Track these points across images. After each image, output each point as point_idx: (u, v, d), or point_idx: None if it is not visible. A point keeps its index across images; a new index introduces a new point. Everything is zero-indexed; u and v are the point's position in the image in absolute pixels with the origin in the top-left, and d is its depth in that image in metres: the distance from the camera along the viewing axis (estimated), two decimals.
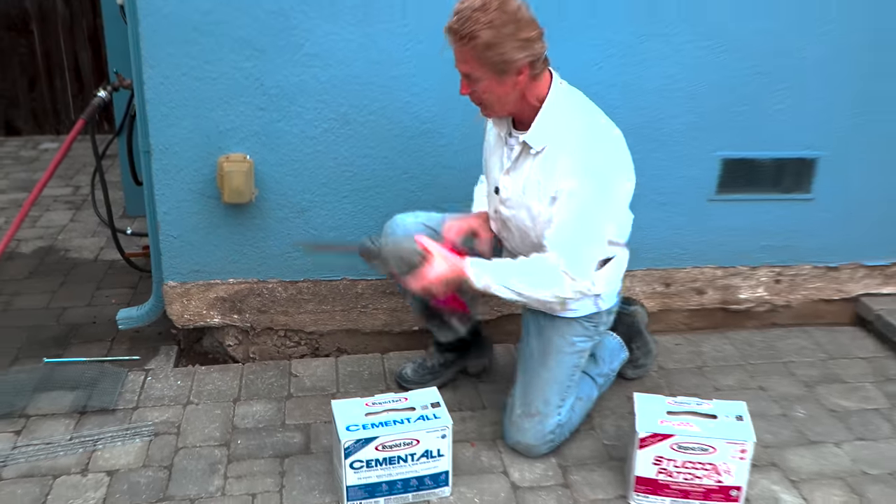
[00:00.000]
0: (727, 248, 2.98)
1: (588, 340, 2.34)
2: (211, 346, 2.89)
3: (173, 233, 2.68)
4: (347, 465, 2.12)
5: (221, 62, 2.50)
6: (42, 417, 2.52)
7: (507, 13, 1.98)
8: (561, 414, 2.33)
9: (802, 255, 3.02)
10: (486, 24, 1.97)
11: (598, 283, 2.23)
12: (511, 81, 2.06)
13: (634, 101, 2.71)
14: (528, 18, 2.03)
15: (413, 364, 2.67)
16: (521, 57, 2.02)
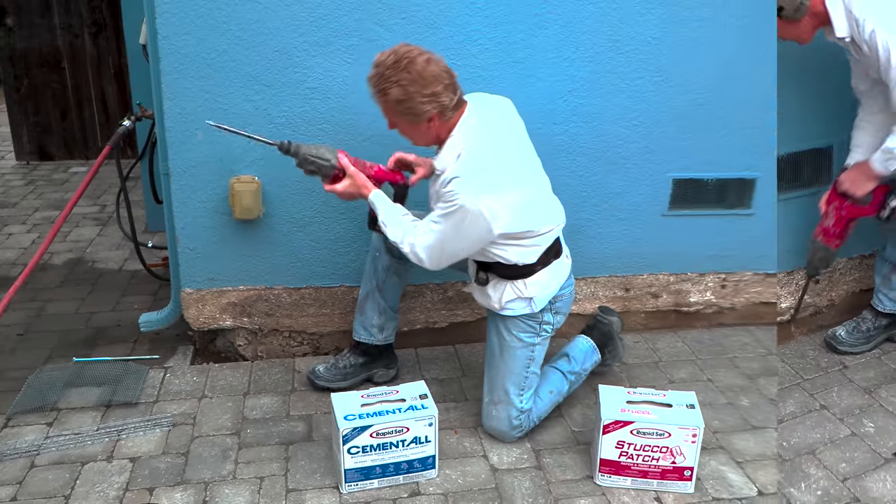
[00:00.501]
0: (679, 258, 2.99)
1: (534, 336, 2.32)
2: (223, 346, 2.87)
3: (190, 245, 2.67)
4: (345, 451, 2.11)
5: (233, 95, 2.50)
6: (72, 410, 2.50)
7: (414, 73, 2.01)
8: (523, 402, 2.33)
9: (744, 263, 3.05)
10: (395, 83, 2.02)
11: (531, 288, 2.26)
12: (424, 126, 2.11)
13: (596, 128, 2.73)
14: (435, 73, 2.04)
15: (326, 364, 2.65)
16: (429, 109, 2.06)
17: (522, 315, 2.30)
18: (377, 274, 2.53)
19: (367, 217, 2.38)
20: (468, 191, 2.05)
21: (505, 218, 2.09)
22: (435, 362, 2.83)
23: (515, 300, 2.28)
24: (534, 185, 2.24)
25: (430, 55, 2.07)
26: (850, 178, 2.45)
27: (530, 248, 2.23)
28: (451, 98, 2.08)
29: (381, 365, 2.67)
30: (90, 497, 2.13)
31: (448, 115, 2.11)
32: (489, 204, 2.06)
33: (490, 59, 2.59)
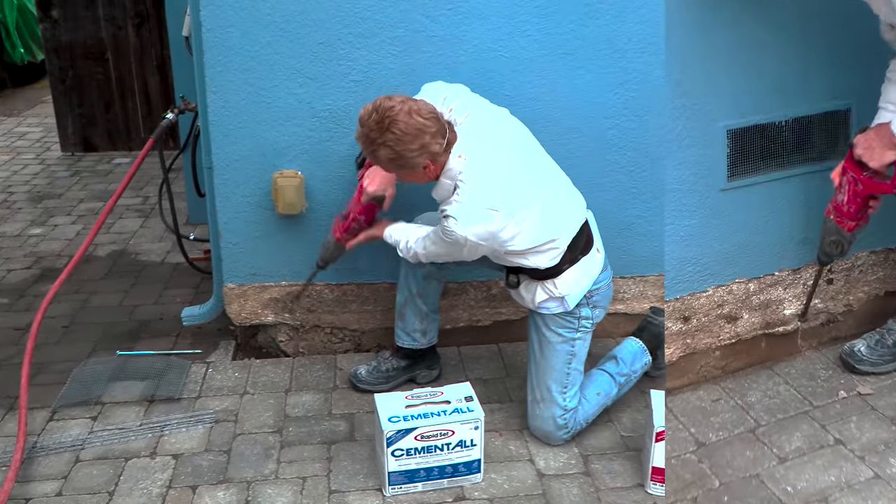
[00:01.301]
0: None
1: (573, 331, 2.26)
2: (265, 342, 2.85)
3: (233, 240, 2.64)
4: (389, 453, 2.07)
5: (276, 88, 2.47)
6: (115, 405, 2.50)
7: (398, 131, 1.99)
8: (566, 400, 2.27)
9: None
10: (382, 144, 2.02)
11: (561, 287, 2.22)
12: (420, 173, 2.11)
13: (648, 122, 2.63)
14: (420, 125, 2.00)
15: (368, 366, 2.60)
16: (421, 160, 2.05)
17: (559, 313, 2.25)
18: (416, 281, 2.48)
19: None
20: (467, 229, 2.06)
21: (513, 241, 2.12)
22: (478, 361, 2.77)
23: (548, 300, 2.24)
24: (543, 196, 2.17)
25: (412, 105, 2.03)
26: (865, 143, 2.02)
27: (549, 252, 2.19)
28: (440, 144, 2.06)
29: (424, 366, 2.63)
30: (134, 494, 2.12)
31: (440, 159, 2.10)
32: (490, 234, 2.08)
33: (539, 50, 2.51)
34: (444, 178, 2.12)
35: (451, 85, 2.29)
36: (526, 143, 2.24)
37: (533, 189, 2.16)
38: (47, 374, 2.66)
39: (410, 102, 2.03)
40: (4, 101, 6.99)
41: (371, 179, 2.31)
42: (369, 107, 2.04)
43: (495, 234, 2.08)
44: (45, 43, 5.15)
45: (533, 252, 2.17)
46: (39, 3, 5.03)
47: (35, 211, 4.23)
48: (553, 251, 2.19)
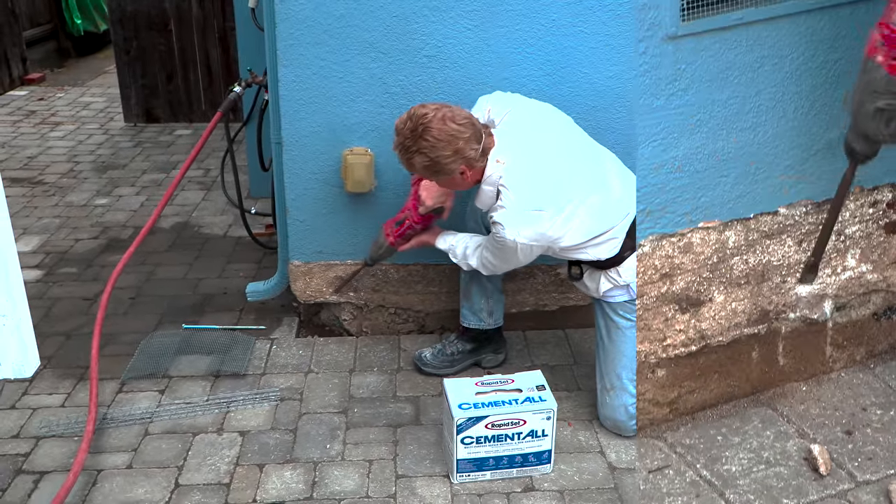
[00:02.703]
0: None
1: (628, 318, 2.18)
2: (328, 320, 2.83)
3: (300, 217, 2.62)
4: (459, 441, 2.03)
5: (349, 63, 2.42)
6: (182, 379, 2.50)
7: (432, 139, 1.99)
8: (632, 386, 2.19)
9: None
10: (417, 152, 2.02)
11: (625, 275, 2.14)
12: (458, 178, 2.08)
13: None
14: (454, 131, 1.99)
15: (433, 349, 2.56)
16: (456, 166, 2.03)
17: (625, 300, 2.18)
18: None
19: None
20: (516, 233, 2.04)
21: (565, 238, 2.07)
22: (544, 347, 2.71)
23: (612, 289, 2.18)
24: (592, 187, 2.09)
25: (445, 112, 2.01)
26: None
27: (608, 244, 2.12)
28: (475, 149, 2.02)
29: (490, 350, 2.58)
30: (202, 469, 2.12)
31: (477, 164, 2.05)
32: (540, 234, 2.04)
33: (620, 27, 2.39)
34: (484, 185, 2.10)
35: (506, 94, 2.27)
36: (570, 136, 2.17)
37: (580, 183, 2.09)
38: (116, 346, 2.68)
39: (445, 109, 2.02)
40: (69, 70, 7.11)
41: (428, 192, 2.27)
42: (404, 116, 2.05)
43: (545, 233, 2.05)
44: (110, 13, 5.19)
45: (590, 245, 2.11)
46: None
47: (100, 181, 4.28)
48: (612, 241, 2.11)
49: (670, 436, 2.17)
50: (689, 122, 1.94)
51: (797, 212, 2.12)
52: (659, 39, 1.85)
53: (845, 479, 1.99)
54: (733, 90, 1.94)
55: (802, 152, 2.09)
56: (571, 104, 2.44)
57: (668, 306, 2.07)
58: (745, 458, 2.05)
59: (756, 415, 2.20)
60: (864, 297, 2.24)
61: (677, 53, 1.87)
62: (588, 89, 2.47)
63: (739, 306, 2.11)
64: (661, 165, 1.97)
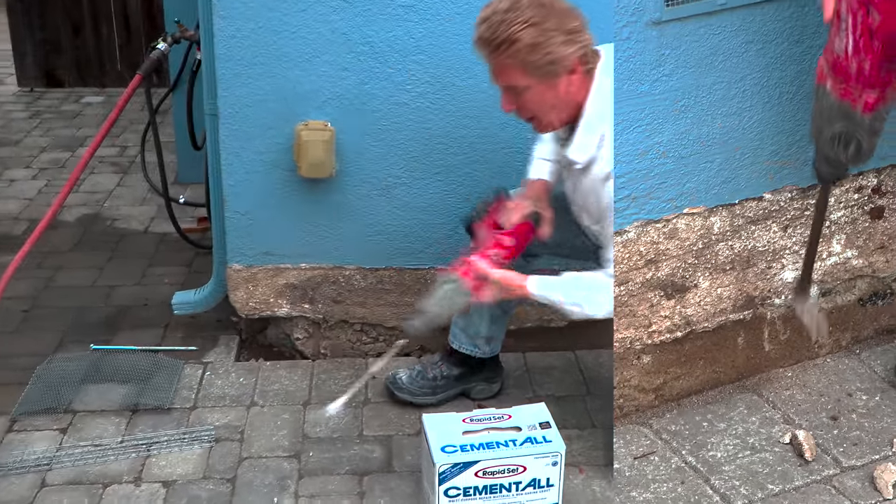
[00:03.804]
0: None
1: None
2: (276, 339, 2.84)
3: (241, 209, 2.63)
4: (441, 493, 2.03)
5: (304, 14, 2.44)
6: (90, 414, 2.48)
7: (544, 6, 1.93)
8: None
9: None
10: (525, 23, 1.92)
11: None
12: (564, 83, 2.00)
13: None
14: (567, 7, 1.98)
15: (410, 371, 2.57)
16: (572, 51, 1.95)
17: None
18: None
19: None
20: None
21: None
22: (550, 373, 2.73)
23: None
24: None
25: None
26: None
27: None
28: (590, 38, 2.00)
29: (482, 378, 2.58)
30: None
31: (591, 64, 2.02)
32: None
33: None
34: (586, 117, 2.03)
35: None
36: None
37: None
38: (4, 371, 2.66)
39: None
40: None
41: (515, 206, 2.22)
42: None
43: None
44: None
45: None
46: None
47: None
48: None
49: (655, 422, 2.42)
50: (673, 107, 2.24)
51: (782, 197, 2.43)
52: (643, 24, 2.12)
53: (830, 465, 2.26)
54: (718, 75, 2.25)
55: (787, 138, 2.38)
56: None
57: (654, 292, 2.35)
58: (730, 444, 2.34)
59: (742, 401, 2.48)
60: (850, 283, 2.62)
61: (661, 38, 2.15)
62: None
63: (725, 292, 2.45)
64: (645, 151, 2.22)
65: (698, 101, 2.23)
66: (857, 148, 1.80)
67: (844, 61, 1.67)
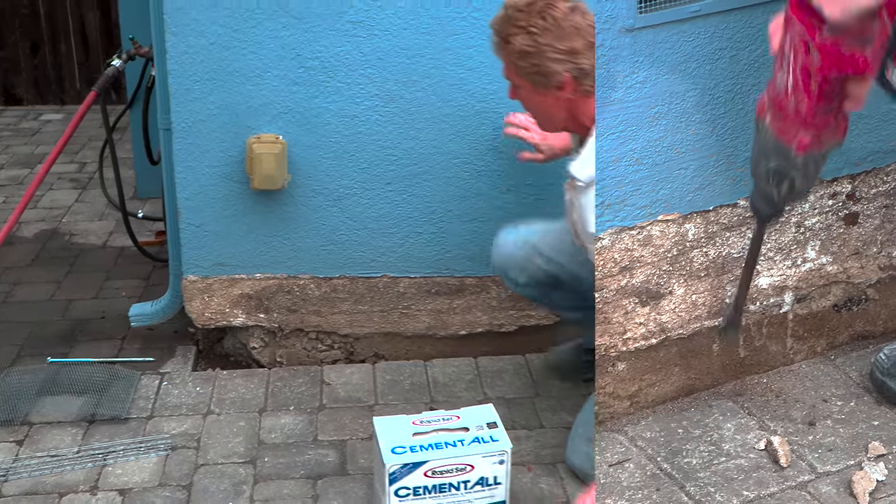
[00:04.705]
0: None
1: None
2: (233, 348, 2.84)
3: (195, 221, 2.63)
4: (392, 493, 2.05)
5: (254, 30, 2.45)
6: (47, 425, 2.47)
7: (550, 19, 1.92)
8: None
9: None
10: (523, 29, 1.93)
11: None
12: (552, 97, 2.01)
13: None
14: (579, 26, 1.94)
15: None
16: (560, 70, 1.95)
17: None
18: None
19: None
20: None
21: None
22: (501, 377, 2.76)
23: None
24: None
25: (578, 3, 1.96)
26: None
27: None
28: (593, 65, 1.97)
29: None
30: None
31: (587, 89, 1.99)
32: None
33: None
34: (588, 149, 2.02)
35: None
36: None
37: None
38: None
39: (577, 2, 1.96)
40: None
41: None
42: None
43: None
44: None
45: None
46: None
47: None
48: None
49: (630, 429, 2.35)
50: (647, 114, 2.18)
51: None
52: (616, 31, 2.06)
53: (806, 471, 2.19)
54: (692, 82, 2.20)
55: None
56: None
57: (628, 299, 2.30)
58: (705, 450, 2.27)
59: (717, 407, 2.42)
60: (825, 289, 2.54)
61: (635, 45, 2.10)
62: None
63: (700, 299, 2.39)
64: (619, 158, 2.16)
65: (672, 108, 2.18)
66: (789, 187, 1.75)
67: (784, 98, 1.60)
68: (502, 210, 2.67)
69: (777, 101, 1.61)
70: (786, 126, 1.64)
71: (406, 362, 2.83)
